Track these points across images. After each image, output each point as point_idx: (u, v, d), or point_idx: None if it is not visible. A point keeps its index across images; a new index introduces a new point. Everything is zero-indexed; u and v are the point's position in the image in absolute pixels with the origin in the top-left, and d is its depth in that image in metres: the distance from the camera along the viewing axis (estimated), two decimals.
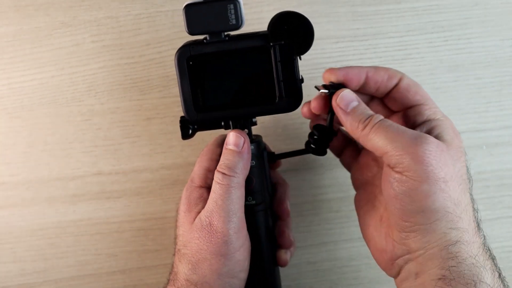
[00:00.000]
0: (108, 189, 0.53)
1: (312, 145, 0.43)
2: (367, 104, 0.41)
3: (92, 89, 0.51)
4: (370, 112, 0.38)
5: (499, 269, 0.36)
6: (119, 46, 0.51)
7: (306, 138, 0.44)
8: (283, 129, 0.53)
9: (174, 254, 0.42)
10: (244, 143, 0.41)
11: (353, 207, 0.46)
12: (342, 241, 0.55)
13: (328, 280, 0.55)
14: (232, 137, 0.41)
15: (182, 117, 0.43)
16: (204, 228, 0.39)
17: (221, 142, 0.43)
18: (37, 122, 0.51)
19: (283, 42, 0.39)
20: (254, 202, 0.43)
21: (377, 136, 0.36)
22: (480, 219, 0.37)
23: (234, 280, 0.40)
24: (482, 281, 0.33)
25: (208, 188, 0.42)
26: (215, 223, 0.39)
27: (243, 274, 0.41)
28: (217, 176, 0.40)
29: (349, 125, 0.38)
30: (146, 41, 0.51)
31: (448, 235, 0.35)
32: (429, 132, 0.38)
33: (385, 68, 0.41)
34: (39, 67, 0.50)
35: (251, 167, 0.42)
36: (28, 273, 0.53)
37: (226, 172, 0.39)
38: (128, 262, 0.54)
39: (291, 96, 0.40)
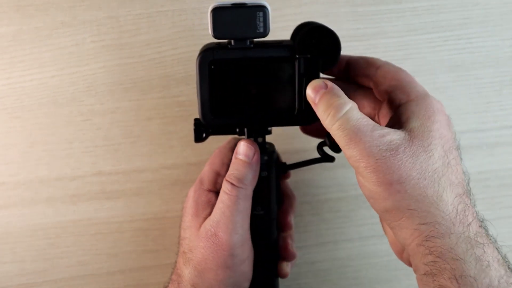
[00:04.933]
0: (108, 189, 0.53)
1: (324, 151, 0.42)
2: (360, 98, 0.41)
3: (92, 89, 0.51)
4: (339, 101, 0.35)
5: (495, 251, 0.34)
6: (119, 46, 0.51)
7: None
8: (283, 129, 0.53)
9: (177, 254, 0.42)
10: (254, 154, 0.40)
11: (352, 207, 0.47)
12: (341, 241, 0.55)
13: (327, 280, 0.55)
14: (243, 147, 0.40)
15: (196, 120, 0.42)
16: (209, 238, 0.39)
17: (234, 146, 0.42)
18: (37, 122, 0.51)
19: (309, 56, 0.38)
20: (262, 212, 0.43)
21: (337, 137, 0.35)
22: (470, 204, 0.35)
23: None
24: (463, 275, 0.32)
25: (217, 192, 0.41)
26: (221, 234, 0.38)
27: (246, 284, 0.41)
28: (225, 186, 0.39)
29: (319, 115, 0.36)
30: (146, 41, 0.51)
31: (417, 231, 0.34)
32: (398, 120, 0.36)
33: (365, 56, 0.41)
34: (39, 67, 0.50)
35: (263, 177, 0.42)
36: (28, 273, 0.53)
37: (235, 183, 0.39)
38: (128, 262, 0.54)
39: (310, 110, 0.38)
